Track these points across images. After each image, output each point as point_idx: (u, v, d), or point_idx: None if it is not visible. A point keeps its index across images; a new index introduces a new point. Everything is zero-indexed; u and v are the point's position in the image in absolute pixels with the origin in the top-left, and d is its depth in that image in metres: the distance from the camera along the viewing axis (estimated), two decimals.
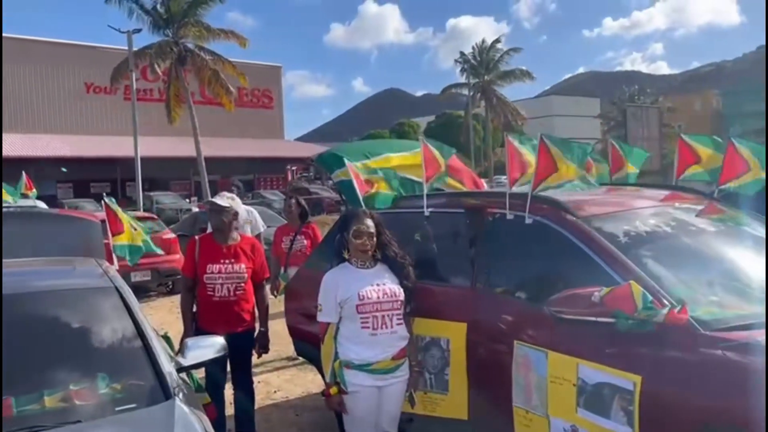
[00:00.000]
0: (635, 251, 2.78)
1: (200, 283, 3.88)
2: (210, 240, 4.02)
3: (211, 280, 3.85)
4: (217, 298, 3.85)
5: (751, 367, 2.13)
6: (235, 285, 3.88)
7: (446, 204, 3.72)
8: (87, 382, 2.37)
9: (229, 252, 3.92)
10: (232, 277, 3.88)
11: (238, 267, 3.90)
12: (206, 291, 3.86)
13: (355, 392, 2.97)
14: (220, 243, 3.96)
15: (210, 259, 3.88)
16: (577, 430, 2.64)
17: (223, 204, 3.94)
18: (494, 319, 3.10)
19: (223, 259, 3.88)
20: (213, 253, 3.90)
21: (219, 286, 3.84)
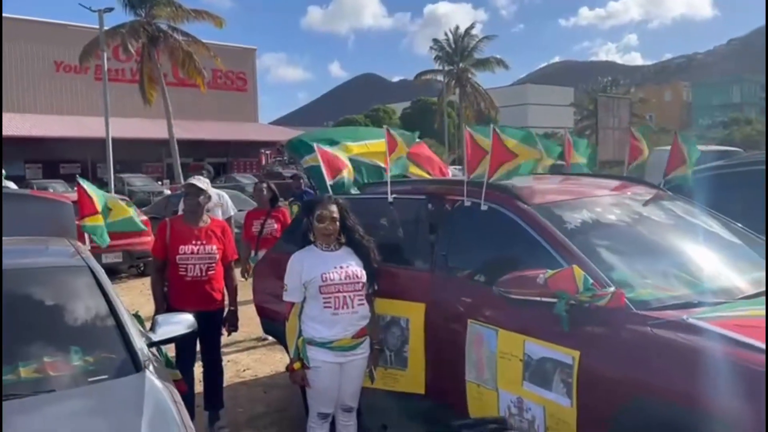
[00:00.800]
0: (580, 237, 2.98)
1: (172, 263, 4.00)
2: (181, 222, 4.14)
3: (183, 260, 3.97)
4: (189, 278, 3.98)
5: (676, 343, 2.35)
6: (206, 265, 4.02)
7: (409, 191, 3.88)
8: (60, 355, 2.50)
9: (200, 233, 4.06)
10: (204, 257, 4.01)
11: (209, 248, 4.03)
12: (178, 271, 3.98)
13: (317, 368, 3.14)
14: (191, 225, 4.08)
15: (182, 241, 4.00)
16: (522, 401, 2.85)
17: (201, 186, 4.07)
18: (451, 300, 3.29)
19: (195, 240, 4.01)
20: (185, 235, 4.02)
21: (191, 266, 3.98)
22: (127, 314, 2.80)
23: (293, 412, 4.42)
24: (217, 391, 4.22)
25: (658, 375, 2.33)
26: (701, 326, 2.34)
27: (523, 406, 2.84)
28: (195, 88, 31.50)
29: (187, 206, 4.16)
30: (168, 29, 24.11)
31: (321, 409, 3.23)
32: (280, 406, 4.70)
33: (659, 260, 3.01)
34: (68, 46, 31.31)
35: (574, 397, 2.60)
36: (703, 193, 4.27)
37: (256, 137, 36.99)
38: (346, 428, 3.34)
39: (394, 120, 56.06)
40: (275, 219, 6.28)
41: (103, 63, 21.03)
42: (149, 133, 30.24)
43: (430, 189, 3.80)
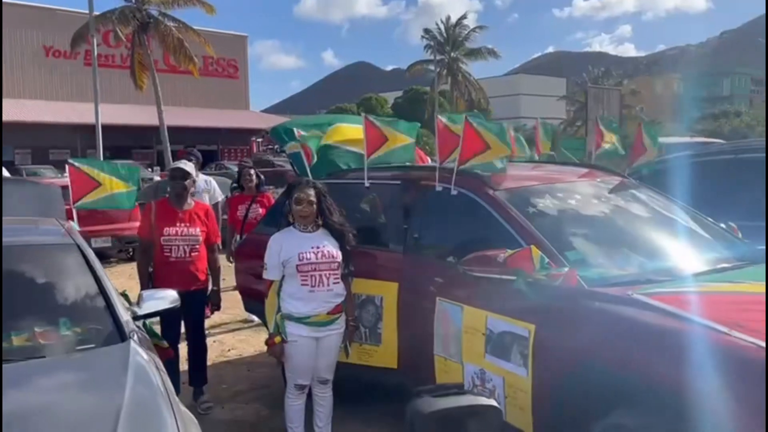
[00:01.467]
0: (541, 220, 3.19)
1: (157, 244, 4.16)
2: (166, 204, 4.29)
3: (168, 241, 4.13)
4: (173, 259, 4.15)
5: (618, 315, 2.56)
6: (190, 247, 4.18)
7: (385, 176, 4.06)
8: (50, 326, 2.67)
9: (185, 216, 4.22)
10: (188, 239, 4.17)
11: (193, 230, 4.20)
12: (163, 252, 4.14)
13: (294, 342, 3.33)
14: (176, 208, 4.24)
15: (167, 223, 4.16)
16: (484, 372, 3.05)
17: (187, 170, 4.24)
18: (421, 280, 3.49)
19: (179, 222, 4.17)
20: (170, 217, 4.18)
21: (176, 248, 4.14)
22: (113, 289, 2.97)
23: (275, 389, 4.61)
24: (202, 368, 4.41)
25: (601, 344, 2.54)
26: (642, 300, 2.55)
27: (485, 377, 3.04)
28: (185, 74, 31.37)
29: (173, 189, 4.30)
30: (159, 15, 24.04)
31: (298, 381, 3.43)
32: (264, 383, 4.89)
33: (614, 242, 3.22)
34: (58, 30, 31.12)
35: (530, 367, 2.80)
36: (667, 181, 4.49)
37: (247, 125, 36.96)
38: (323, 399, 3.54)
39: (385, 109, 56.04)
40: (260, 204, 6.45)
41: (93, 49, 20.93)
42: (139, 119, 30.19)
43: (404, 175, 3.98)
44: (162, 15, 24.02)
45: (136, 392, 2.23)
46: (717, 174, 4.64)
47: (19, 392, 2.27)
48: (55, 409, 2.17)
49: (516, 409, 2.89)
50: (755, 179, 4.44)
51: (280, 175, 23.57)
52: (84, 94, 30.65)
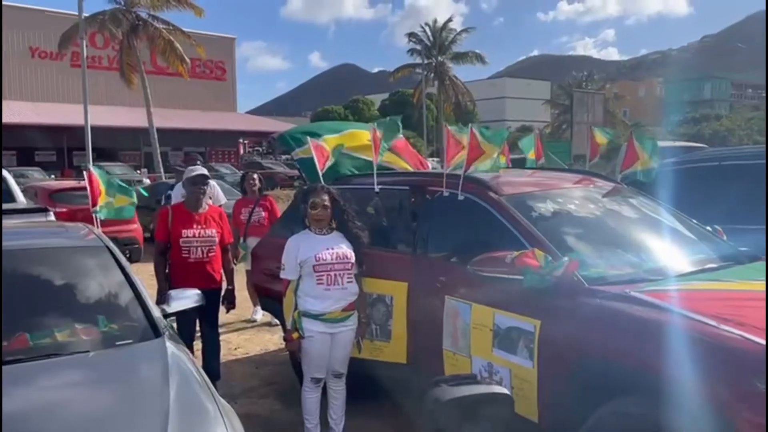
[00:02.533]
0: (543, 224, 3.42)
1: (175, 246, 4.36)
2: (182, 208, 4.50)
3: (187, 243, 4.34)
4: (192, 260, 4.36)
5: (617, 311, 2.79)
6: (208, 248, 4.40)
7: (393, 182, 4.28)
8: (89, 323, 2.85)
9: (201, 218, 4.44)
10: (206, 240, 4.39)
11: (210, 231, 4.42)
12: (181, 254, 4.35)
13: (311, 337, 3.54)
14: (192, 211, 4.45)
15: (185, 225, 4.37)
16: (492, 365, 3.28)
17: (207, 175, 4.49)
18: (430, 279, 3.71)
19: (196, 225, 4.39)
20: (187, 220, 4.40)
21: (194, 249, 4.35)
22: (143, 287, 3.16)
23: (284, 385, 4.81)
24: (216, 364, 4.61)
25: (601, 338, 2.77)
26: (639, 297, 2.79)
27: (493, 370, 3.27)
28: (173, 76, 31.30)
29: (194, 194, 4.49)
30: (148, 17, 24.06)
31: (314, 374, 3.63)
32: (272, 379, 5.08)
33: (610, 244, 3.46)
34: (44, 31, 30.99)
35: (535, 360, 3.03)
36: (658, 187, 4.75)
37: (235, 127, 37.00)
38: (337, 392, 3.75)
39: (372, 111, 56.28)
40: (263, 207, 6.64)
41: (82, 51, 20.92)
42: (126, 121, 30.11)
43: (412, 180, 4.21)
44: (151, 17, 24.04)
45: (180, 387, 2.40)
46: (702, 180, 4.91)
47: (70, 385, 2.46)
48: (106, 401, 2.34)
49: (522, 399, 3.10)
50: (737, 185, 4.73)
51: (269, 176, 23.80)
52: (70, 96, 30.57)
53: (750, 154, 5.32)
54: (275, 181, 23.70)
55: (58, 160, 31.86)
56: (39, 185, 13.60)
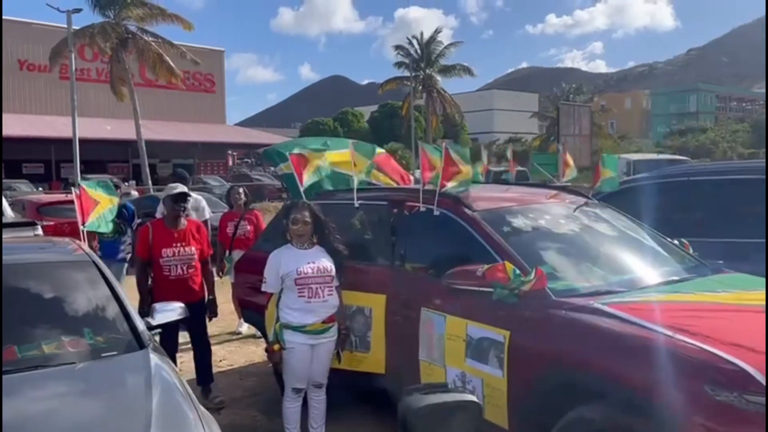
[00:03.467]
0: (514, 238, 3.57)
1: (156, 264, 4.52)
2: (162, 226, 4.65)
3: (166, 262, 4.51)
4: (173, 277, 4.52)
5: (581, 322, 2.94)
6: (187, 265, 4.57)
7: (373, 197, 4.43)
8: (76, 335, 2.96)
9: (180, 236, 4.59)
10: (185, 258, 4.56)
11: (189, 249, 4.59)
12: (162, 272, 4.51)
13: (292, 348, 3.66)
14: (171, 228, 4.60)
15: (164, 244, 4.52)
16: (465, 375, 3.41)
17: (187, 193, 4.66)
18: (407, 292, 3.84)
19: (175, 243, 4.54)
20: (166, 238, 4.55)
21: (174, 267, 4.52)
22: (129, 301, 3.26)
23: (268, 395, 4.91)
24: (208, 368, 4.87)
25: (566, 347, 2.92)
26: (602, 309, 2.94)
27: (466, 379, 3.40)
28: (162, 88, 31.44)
29: (174, 211, 4.62)
30: (137, 31, 24.19)
31: (295, 385, 3.75)
32: (256, 390, 5.18)
33: (579, 257, 3.62)
34: (32, 44, 31.00)
35: (505, 369, 3.16)
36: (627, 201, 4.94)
37: (223, 139, 37.07)
38: (317, 402, 3.86)
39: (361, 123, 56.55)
40: (248, 221, 6.74)
41: (71, 64, 21.04)
42: (114, 133, 30.12)
43: (391, 196, 4.35)
44: (141, 30, 24.17)
45: (162, 395, 2.50)
46: (672, 194, 5.10)
47: (55, 396, 2.56)
48: (89, 411, 2.45)
49: (494, 407, 3.24)
50: (705, 199, 4.91)
51: (257, 189, 23.89)
52: (58, 108, 30.54)
53: (717, 170, 5.52)
54: (263, 194, 23.78)
55: (45, 172, 31.79)
56: (27, 198, 13.62)
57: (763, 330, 2.76)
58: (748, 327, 2.81)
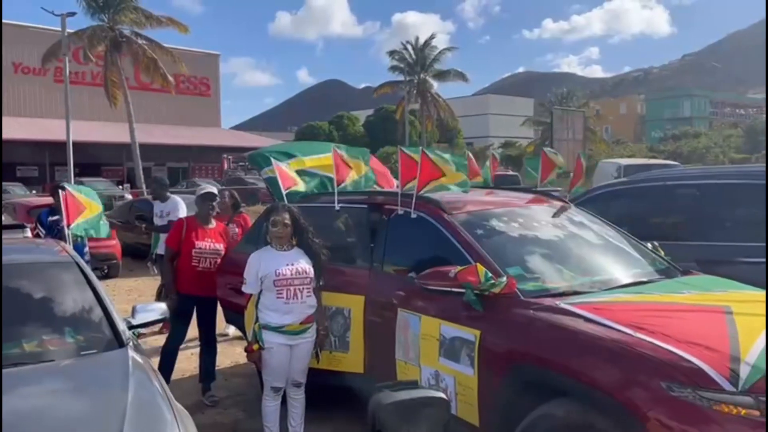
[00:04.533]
0: (487, 241, 3.67)
1: (185, 255, 4.83)
2: (195, 222, 4.99)
3: (198, 253, 4.84)
4: (200, 269, 4.84)
5: (547, 321, 3.03)
6: (214, 259, 4.90)
7: (353, 200, 4.52)
8: (56, 334, 3.04)
9: (211, 233, 4.96)
10: (214, 253, 4.90)
11: (218, 245, 4.95)
12: (191, 262, 4.82)
13: (271, 348, 3.74)
14: (204, 225, 4.96)
15: (198, 238, 4.87)
16: (438, 373, 3.50)
17: (215, 193, 5.07)
18: (384, 293, 3.93)
19: (207, 238, 4.90)
20: (200, 233, 4.90)
21: (203, 259, 4.86)
22: (110, 301, 3.35)
23: (251, 396, 4.99)
24: (213, 366, 5.09)
25: (533, 346, 3.01)
26: (568, 309, 3.03)
27: (439, 377, 3.49)
28: (157, 92, 31.48)
29: (205, 209, 5.00)
30: (131, 34, 24.29)
31: (274, 384, 3.83)
32: (240, 391, 5.26)
33: (551, 259, 3.71)
34: (27, 47, 31.07)
35: (476, 367, 3.25)
36: (606, 205, 5.04)
37: (218, 142, 37.17)
38: (296, 401, 3.94)
39: (357, 127, 56.61)
40: (237, 224, 6.82)
41: (65, 68, 21.09)
42: (109, 136, 30.20)
43: (370, 199, 4.44)
44: (135, 34, 24.26)
45: (138, 393, 2.58)
46: (649, 199, 5.21)
47: (33, 392, 2.63)
48: (65, 407, 2.53)
49: (465, 404, 3.33)
50: (679, 203, 5.02)
51: (252, 192, 23.95)
52: (53, 111, 30.59)
53: (693, 174, 5.63)
54: (257, 197, 23.84)
55: (40, 175, 31.82)
56: (18, 201, 13.68)
57: (722, 328, 2.87)
58: (706, 326, 2.91)
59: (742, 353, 2.63)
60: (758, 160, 37.23)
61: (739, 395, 2.48)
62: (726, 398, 2.48)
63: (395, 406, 2.85)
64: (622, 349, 2.71)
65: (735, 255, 4.39)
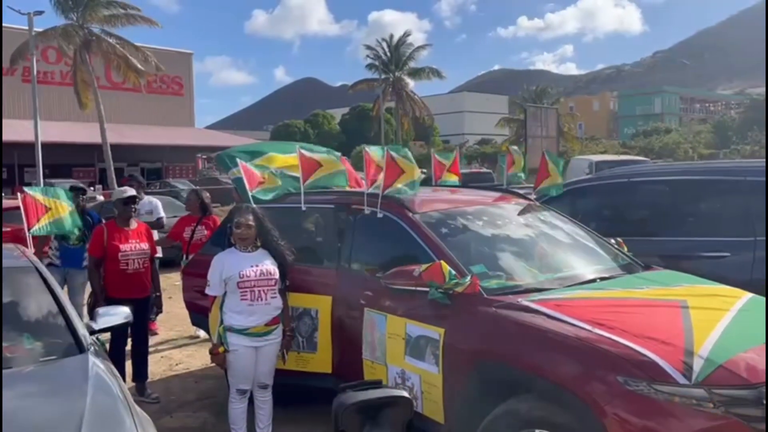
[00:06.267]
0: (451, 239, 3.69)
1: (112, 259, 4.77)
2: (116, 225, 4.92)
3: (125, 256, 4.79)
4: (130, 271, 4.81)
5: (509, 318, 3.07)
6: (143, 260, 4.88)
7: (319, 200, 4.51)
8: (14, 340, 2.99)
9: (134, 234, 4.91)
10: (141, 253, 4.87)
11: (143, 245, 4.91)
12: (119, 266, 4.77)
13: (235, 350, 3.73)
14: (125, 227, 4.91)
15: (121, 240, 4.81)
16: (404, 372, 3.51)
17: (136, 195, 5.04)
18: (351, 292, 3.94)
19: (131, 239, 4.85)
20: (122, 236, 4.84)
21: (131, 261, 4.82)
22: (70, 306, 3.30)
23: (221, 398, 4.93)
24: (144, 364, 5.09)
25: (495, 343, 3.05)
26: (529, 306, 3.07)
27: (405, 376, 3.51)
28: (128, 91, 31.00)
29: (126, 212, 4.96)
30: (102, 33, 23.90)
31: (240, 386, 3.81)
32: (210, 393, 5.21)
33: (514, 257, 3.75)
34: None
35: (440, 365, 3.28)
36: (572, 202, 5.11)
37: (192, 142, 36.69)
38: (263, 403, 3.93)
39: (332, 126, 56.53)
40: (205, 226, 6.75)
41: (33, 67, 20.69)
42: (80, 137, 29.63)
43: (336, 199, 4.44)
44: (105, 33, 23.88)
45: (96, 398, 2.54)
46: (613, 195, 5.29)
47: None
48: (22, 414, 2.49)
49: (430, 402, 3.35)
50: (644, 200, 5.12)
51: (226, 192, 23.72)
52: (21, 111, 29.91)
53: (656, 171, 5.74)
54: (233, 198, 23.66)
55: (9, 177, 31.14)
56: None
57: (677, 323, 2.93)
58: (663, 320, 2.98)
59: (696, 346, 2.69)
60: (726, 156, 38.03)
61: (692, 388, 2.54)
62: (680, 391, 2.54)
63: (358, 406, 2.88)
64: (581, 345, 2.76)
65: (696, 250, 4.48)
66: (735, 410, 2.50)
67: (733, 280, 3.65)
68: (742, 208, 4.45)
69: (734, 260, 4.27)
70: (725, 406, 2.50)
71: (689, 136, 52.28)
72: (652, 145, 46.09)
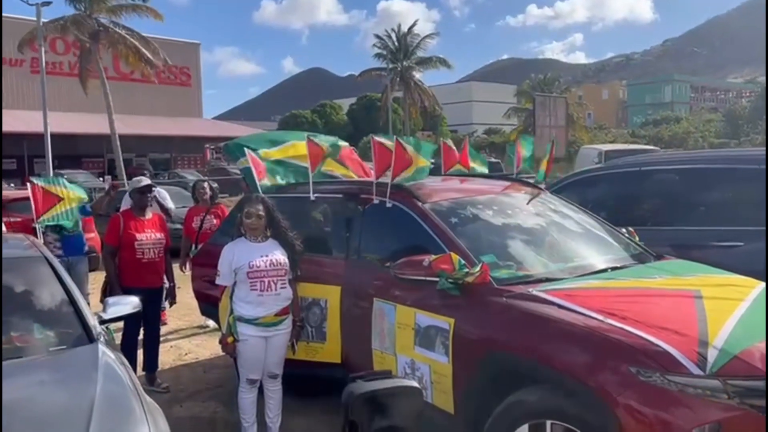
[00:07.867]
0: (461, 229, 3.66)
1: (128, 248, 4.82)
2: (132, 215, 4.98)
3: (141, 245, 4.84)
4: (146, 260, 4.86)
5: (520, 308, 3.04)
6: (158, 249, 4.94)
7: (328, 190, 4.49)
8: (25, 330, 3.00)
9: (150, 223, 4.97)
10: (157, 243, 4.93)
11: (159, 235, 4.97)
12: (135, 255, 4.81)
13: (245, 340, 3.72)
14: (141, 217, 4.97)
15: (137, 230, 4.86)
16: (414, 362, 3.50)
17: (152, 185, 5.13)
18: (361, 283, 3.92)
19: (147, 229, 4.91)
20: (138, 225, 4.90)
21: (147, 250, 4.87)
22: (80, 296, 3.30)
23: (230, 388, 4.96)
24: (155, 354, 5.12)
25: (505, 333, 3.02)
26: (540, 296, 3.04)
27: (415, 366, 3.49)
28: (137, 82, 31.05)
29: (142, 202, 5.04)
30: (109, 23, 23.90)
31: (249, 376, 3.81)
32: (218, 383, 5.23)
33: (524, 246, 3.72)
34: (3, 38, 30.42)
35: (450, 355, 3.26)
36: (582, 191, 5.06)
37: (200, 132, 36.80)
38: (273, 392, 3.93)
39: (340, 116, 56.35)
40: (214, 215, 6.76)
41: (41, 57, 20.72)
42: (89, 127, 29.75)
43: (345, 189, 4.42)
44: (113, 23, 23.89)
45: (106, 387, 2.55)
46: (624, 184, 5.24)
47: None
48: (33, 403, 2.49)
49: (440, 393, 3.33)
50: (655, 189, 5.06)
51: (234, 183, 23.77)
52: (30, 102, 30.06)
53: (667, 160, 5.67)
54: (241, 188, 23.70)
55: (18, 167, 31.32)
56: None
57: (691, 313, 2.90)
58: (676, 311, 2.94)
59: (710, 337, 2.66)
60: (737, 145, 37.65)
61: (707, 378, 2.51)
62: (694, 381, 2.51)
63: (367, 396, 2.87)
64: (592, 335, 2.73)
65: (708, 239, 4.43)
66: (750, 401, 2.47)
67: (746, 270, 3.60)
68: (756, 197, 4.39)
69: (748, 249, 4.22)
70: (740, 397, 2.47)
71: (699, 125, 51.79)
72: (661, 135, 45.74)
